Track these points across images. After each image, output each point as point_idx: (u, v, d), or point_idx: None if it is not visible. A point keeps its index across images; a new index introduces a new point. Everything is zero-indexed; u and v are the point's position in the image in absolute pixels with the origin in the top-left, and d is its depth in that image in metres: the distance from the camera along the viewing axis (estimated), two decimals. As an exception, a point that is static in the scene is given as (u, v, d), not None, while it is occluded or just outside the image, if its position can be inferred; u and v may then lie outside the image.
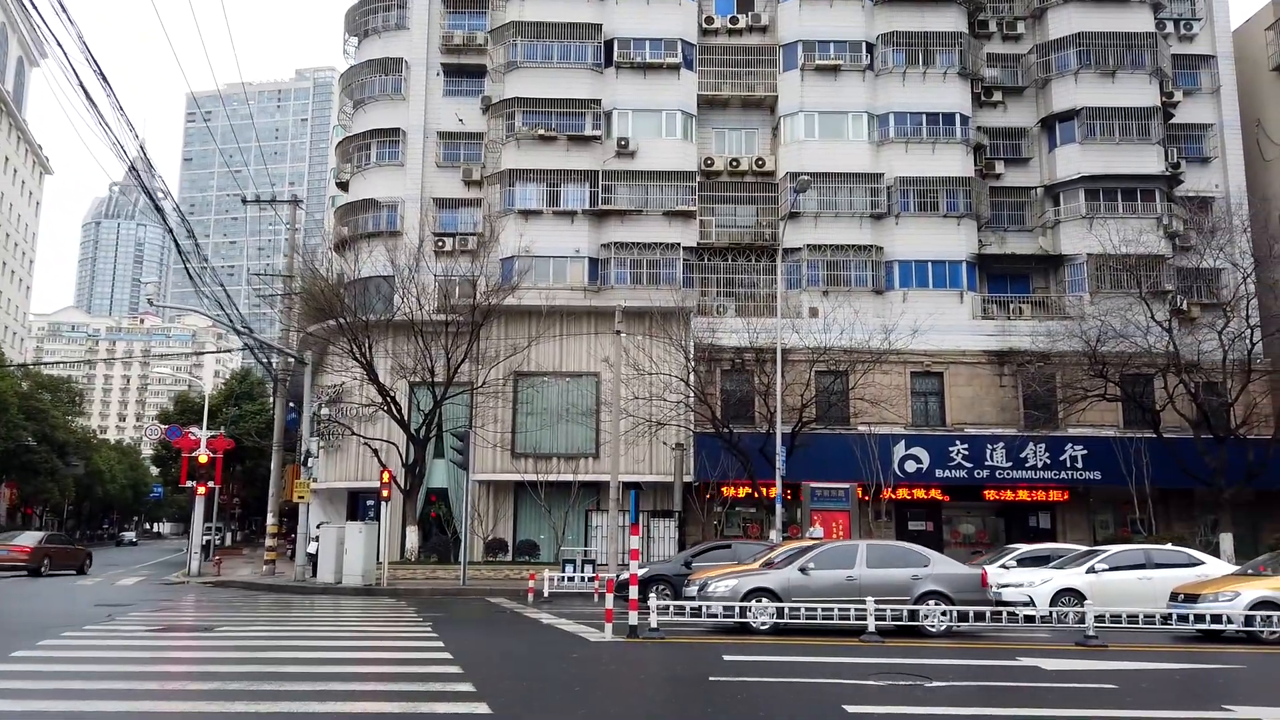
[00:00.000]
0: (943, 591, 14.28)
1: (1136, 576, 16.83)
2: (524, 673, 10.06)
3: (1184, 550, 18.38)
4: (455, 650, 11.27)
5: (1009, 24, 33.21)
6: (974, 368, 30.19)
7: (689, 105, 32.00)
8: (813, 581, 14.42)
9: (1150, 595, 15.75)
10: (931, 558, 15.10)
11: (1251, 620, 13.63)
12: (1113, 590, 16.01)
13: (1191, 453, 26.08)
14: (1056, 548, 21.31)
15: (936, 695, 9.11)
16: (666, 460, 28.11)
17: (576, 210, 31.21)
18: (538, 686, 9.09)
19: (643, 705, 8.46)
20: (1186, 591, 14.97)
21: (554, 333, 29.22)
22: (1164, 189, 31.24)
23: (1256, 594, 14.07)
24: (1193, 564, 17.37)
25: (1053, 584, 16.86)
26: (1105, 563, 17.26)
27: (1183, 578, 16.38)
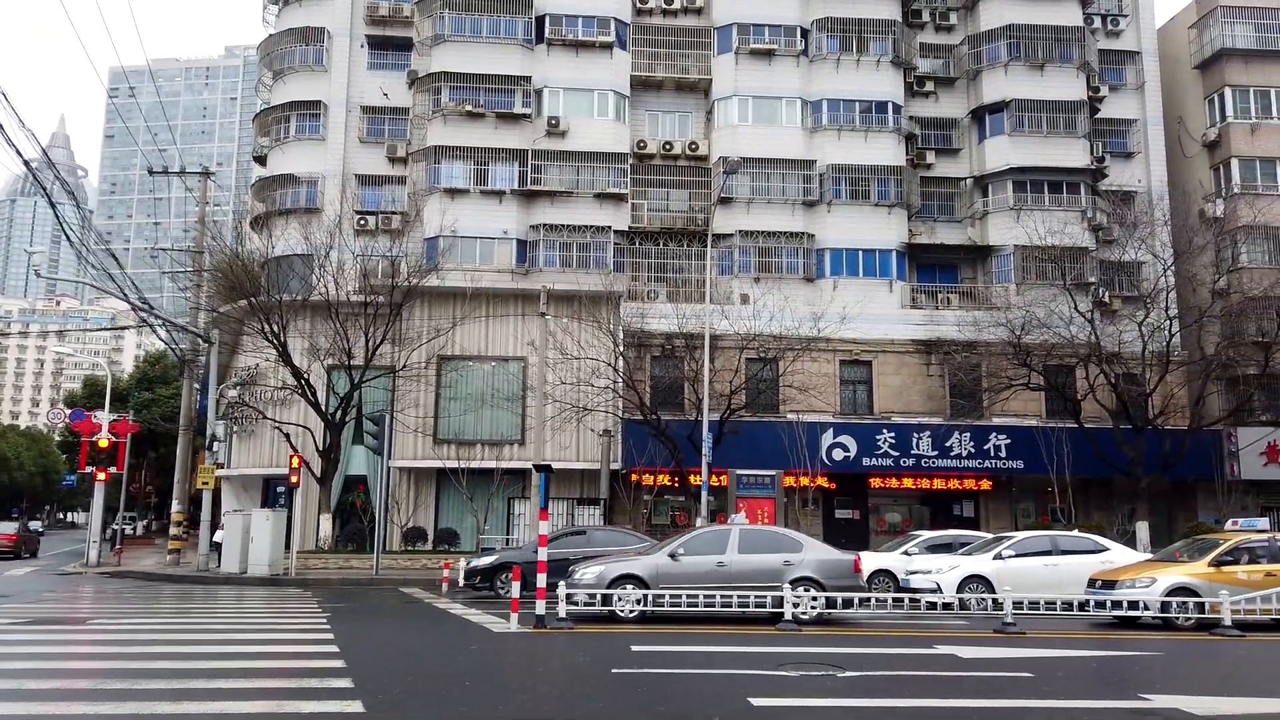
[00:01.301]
0: (814, 578, 13.94)
1: (1043, 563, 16.73)
2: (413, 667, 9.39)
3: (1089, 537, 18.34)
4: (346, 644, 10.56)
5: (942, 14, 33.27)
6: (902, 356, 30.22)
7: (622, 86, 31.36)
8: (683, 567, 14.03)
9: (1057, 581, 15.71)
10: (805, 543, 14.74)
11: (1167, 606, 13.62)
12: (1019, 576, 15.87)
13: (1111, 442, 26.44)
14: (960, 534, 21.18)
15: (849, 685, 8.72)
16: (594, 447, 27.55)
17: (505, 190, 30.35)
18: (425, 682, 8.45)
19: (533, 701, 7.87)
20: (1104, 578, 14.96)
21: (480, 315, 28.39)
22: (1089, 182, 31.65)
23: (1172, 580, 14.07)
24: (1098, 550, 17.35)
25: (960, 570, 16.70)
26: (1012, 549, 17.12)
27: (1088, 564, 16.35)
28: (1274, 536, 15.24)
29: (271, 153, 33.21)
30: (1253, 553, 14.60)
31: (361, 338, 25.12)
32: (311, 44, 32.46)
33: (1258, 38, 32.44)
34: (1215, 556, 14.43)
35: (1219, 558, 14.41)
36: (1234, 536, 15.32)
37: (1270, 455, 28.86)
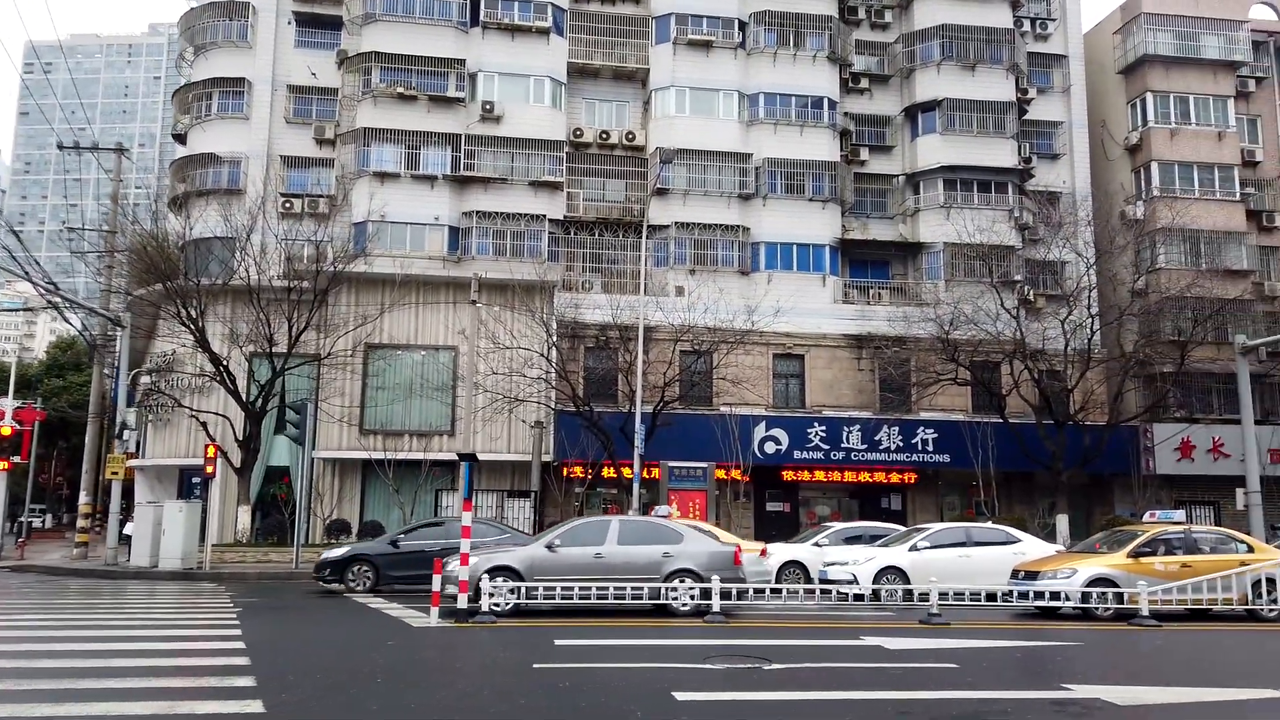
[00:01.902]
0: (693, 569, 13.67)
1: (957, 554, 16.87)
2: (324, 664, 8.96)
3: (1002, 528, 18.51)
4: (254, 640, 10.05)
5: (877, 12, 33.56)
6: (834, 351, 30.44)
7: (559, 72, 30.91)
8: (560, 559, 13.64)
9: (970, 572, 15.86)
10: (686, 535, 14.46)
11: (1088, 597, 13.83)
12: (934, 568, 15.98)
13: (1033, 437, 27.01)
14: (872, 526, 21.12)
15: (775, 678, 8.58)
16: (525, 439, 27.14)
17: (437, 175, 29.66)
18: (333, 680, 8.03)
19: (448, 699, 7.53)
20: (1027, 569, 15.16)
21: (409, 303, 27.71)
22: (1016, 182, 32.28)
23: (1092, 571, 14.25)
24: (1010, 542, 17.48)
25: (876, 562, 16.72)
26: (928, 541, 17.21)
27: (1001, 555, 16.66)
28: (1189, 529, 15.62)
29: (192, 131, 31.92)
30: (1169, 544, 14.86)
31: (285, 324, 24.27)
32: (236, 19, 31.26)
33: (1178, 45, 33.46)
34: (1134, 548, 14.68)
35: (1137, 549, 14.65)
36: (1152, 529, 15.60)
37: (1184, 451, 29.84)
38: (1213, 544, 15.28)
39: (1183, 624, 13.55)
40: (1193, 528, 15.92)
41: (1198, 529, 16.17)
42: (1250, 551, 15.00)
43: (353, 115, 30.34)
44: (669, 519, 16.09)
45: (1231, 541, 15.43)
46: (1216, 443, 29.82)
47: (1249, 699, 7.81)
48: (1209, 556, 14.73)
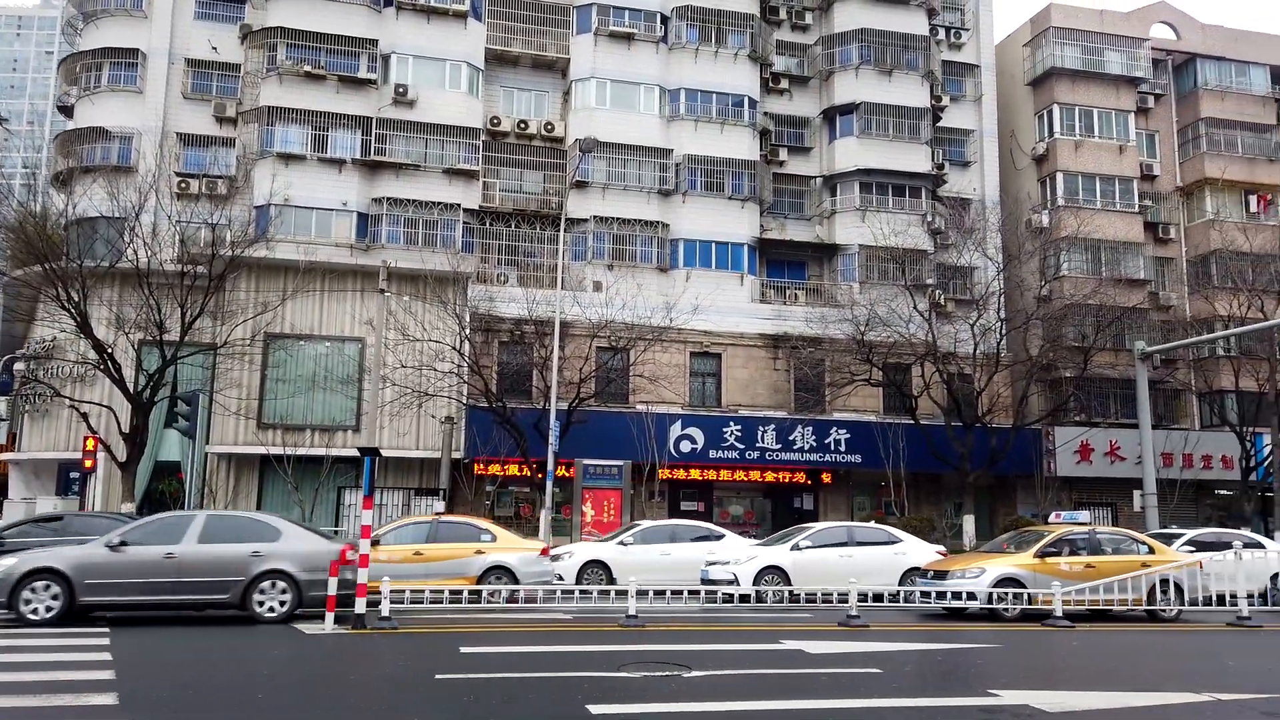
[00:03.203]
0: (288, 571, 12.27)
1: (839, 554, 16.73)
2: (199, 677, 8.14)
3: (884, 528, 18.49)
4: (122, 652, 9.14)
5: (798, 13, 33.67)
6: (750, 350, 30.39)
7: (476, 58, 30.01)
8: (124, 560, 11.95)
9: (852, 572, 15.26)
10: (285, 532, 12.98)
11: (996, 597, 13.89)
12: (815, 568, 15.99)
13: (942, 438, 27.42)
14: (684, 524, 20.48)
15: (695, 687, 8.17)
16: (435, 435, 26.25)
17: (346, 159, 28.43)
18: (208, 696, 7.27)
19: (336, 715, 6.86)
20: (936, 568, 15.25)
21: (314, 291, 26.46)
22: (929, 188, 32.82)
23: (1000, 571, 14.35)
24: (892, 541, 17.47)
25: (757, 561, 16.47)
26: (809, 540, 17.02)
27: (882, 555, 16.81)
28: (1094, 529, 15.91)
29: (80, 103, 29.86)
30: (1074, 544, 15.09)
31: (177, 310, 22.79)
32: (130, -15, 29.39)
33: (1084, 60, 34.57)
34: (1040, 548, 14.82)
35: (1044, 549, 14.80)
36: (1057, 529, 15.85)
37: (1083, 454, 30.78)
38: (1116, 545, 15.54)
39: (1092, 624, 13.71)
40: (1097, 529, 16.18)
41: (1102, 530, 16.35)
42: (1151, 553, 15.33)
43: (256, 93, 28.86)
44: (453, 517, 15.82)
45: (1133, 543, 15.73)
46: (1114, 446, 30.86)
47: (1172, 703, 7.75)
48: (1112, 557, 14.98)
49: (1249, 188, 35.00)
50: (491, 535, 15.97)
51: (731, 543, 18.36)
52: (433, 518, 16.74)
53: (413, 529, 16.39)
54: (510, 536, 16.43)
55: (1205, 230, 34.38)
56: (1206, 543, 18.65)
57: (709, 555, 17.35)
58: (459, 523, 16.69)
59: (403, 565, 14.68)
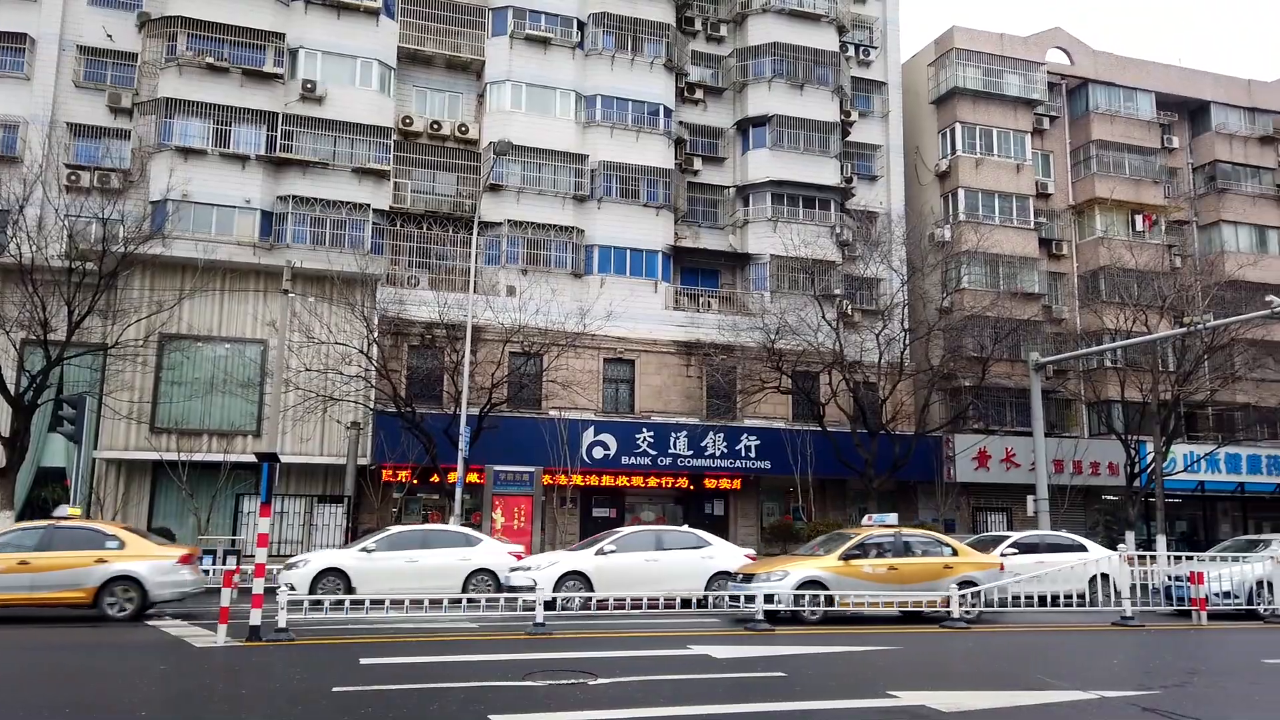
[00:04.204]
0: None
1: (645, 558, 16.43)
2: (73, 696, 7.69)
3: (694, 532, 18.06)
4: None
5: (714, 25, 34.11)
6: (663, 357, 30.57)
7: (388, 56, 29.44)
8: None
9: (658, 577, 15.40)
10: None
11: (801, 600, 13.88)
12: (620, 573, 15.61)
13: (848, 445, 28.06)
14: (434, 529, 19.71)
15: (601, 694, 8.12)
16: (340, 440, 25.58)
17: (250, 155, 27.52)
18: (81, 716, 6.88)
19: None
20: (745, 571, 15.12)
21: (213, 290, 25.50)
22: (838, 200, 33.60)
23: (804, 574, 14.34)
24: (700, 545, 17.15)
25: (559, 567, 16.01)
26: (615, 545, 16.60)
27: (690, 559, 16.51)
28: (899, 532, 15.91)
29: (-40, 88, 28.14)
30: (880, 547, 15.17)
31: (64, 308, 21.64)
32: (17, -34, 27.86)
33: (985, 81, 35.95)
34: (844, 551, 14.88)
35: (848, 552, 14.85)
36: (863, 532, 15.84)
37: (980, 460, 31.91)
38: (920, 547, 15.64)
39: (988, 626, 14.17)
40: (903, 531, 16.15)
41: (907, 532, 16.34)
42: (955, 555, 15.57)
43: (154, 84, 27.68)
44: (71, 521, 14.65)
45: (938, 545, 15.89)
46: (1009, 453, 32.09)
47: (1060, 701, 8.05)
48: (916, 559, 15.18)
49: (1135, 208, 36.91)
50: (119, 541, 14.20)
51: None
52: (48, 523, 14.76)
53: (20, 534, 14.55)
54: (143, 543, 14.71)
55: (1095, 247, 36.12)
56: (1029, 545, 19.37)
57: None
58: (79, 528, 14.70)
59: (3, 576, 13.13)
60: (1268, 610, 15.76)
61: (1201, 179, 39.33)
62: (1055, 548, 19.67)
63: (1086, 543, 20.50)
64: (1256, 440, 35.90)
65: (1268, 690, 8.94)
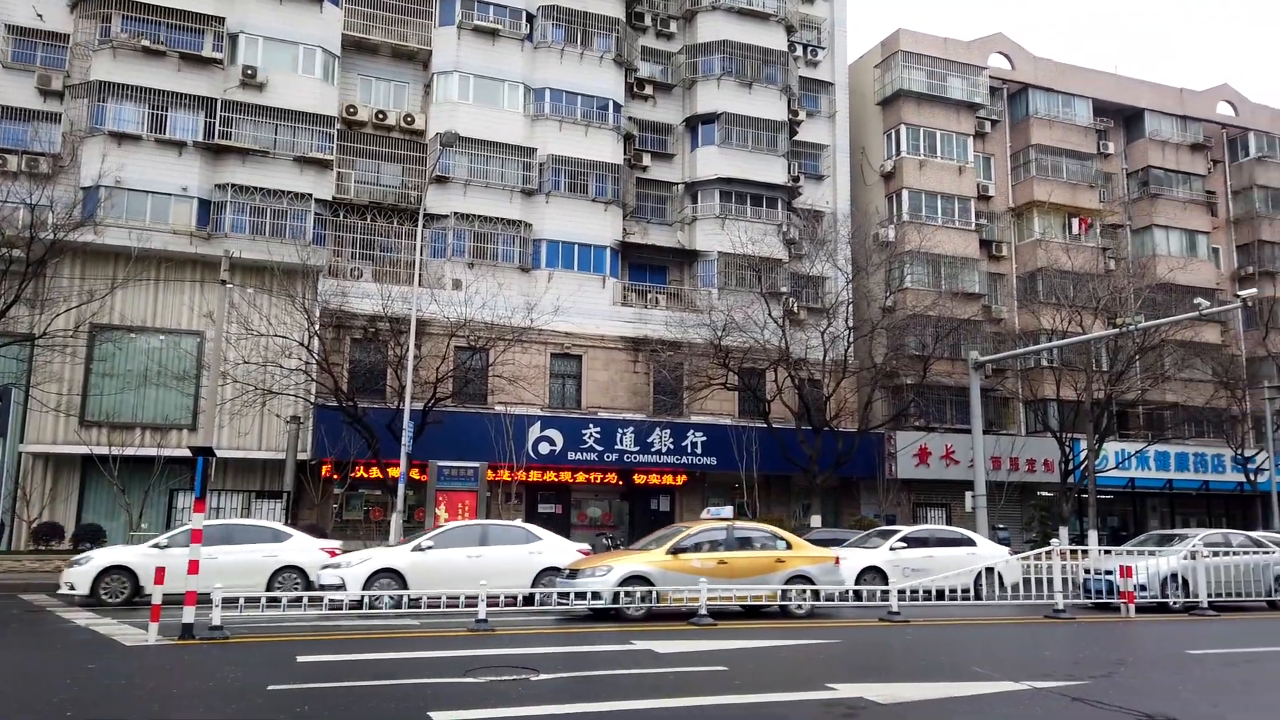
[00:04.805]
0: None
1: (466, 554, 15.41)
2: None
3: (523, 526, 17.05)
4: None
5: (663, 21, 34.12)
6: (611, 352, 30.53)
7: (332, 43, 28.89)
8: None
9: (480, 573, 14.08)
10: None
11: (622, 595, 13.36)
12: (439, 570, 14.77)
13: (793, 441, 28.36)
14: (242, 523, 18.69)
15: (541, 690, 8.07)
16: (280, 435, 25.11)
17: (187, 142, 26.80)
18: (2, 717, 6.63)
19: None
20: (573, 567, 14.59)
21: (148, 280, 24.82)
22: (785, 199, 33.90)
23: (628, 569, 13.82)
24: (529, 540, 16.32)
25: (371, 564, 15.12)
26: (433, 540, 15.68)
27: (515, 555, 15.71)
28: (732, 525, 15.50)
29: (-124, 65, 26.94)
30: (713, 542, 14.76)
31: (-12, 296, 20.89)
32: (-61, -61, 26.75)
33: (929, 84, 36.55)
34: (674, 544, 14.48)
35: (677, 545, 14.45)
36: (696, 525, 15.56)
37: (921, 457, 32.52)
38: (754, 541, 15.19)
39: (927, 619, 14.42)
40: (736, 524, 15.71)
41: (741, 525, 15.88)
42: (789, 549, 15.12)
43: (87, 66, 26.82)
44: None
45: (773, 539, 15.42)
46: (949, 450, 32.72)
47: (994, 692, 8.22)
48: (747, 553, 14.72)
49: (1072, 211, 37.87)
50: None
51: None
52: None
53: None
54: None
55: (1033, 249, 36.98)
56: (919, 539, 19.42)
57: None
58: None
59: None
60: (1177, 603, 16.10)
61: (1135, 184, 40.50)
62: (945, 542, 19.65)
63: (976, 537, 20.58)
64: (1184, 439, 37.14)
65: (1190, 680, 9.23)
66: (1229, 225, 42.01)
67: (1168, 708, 7.54)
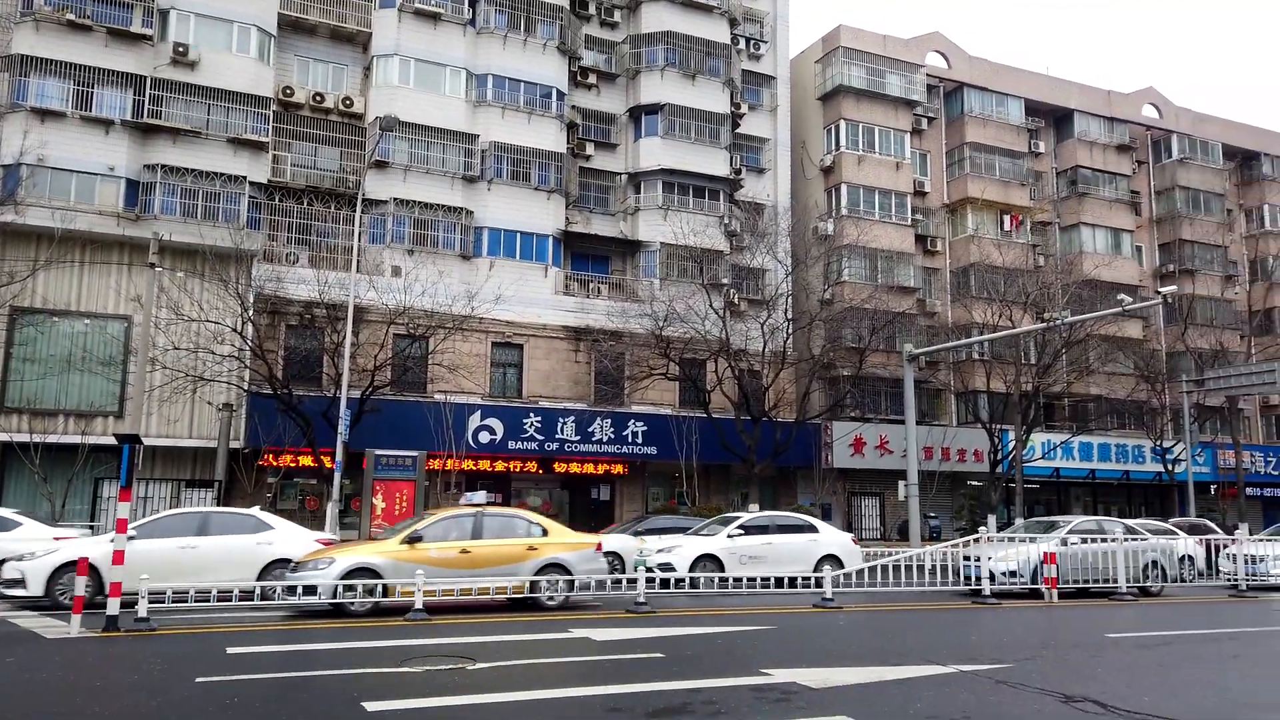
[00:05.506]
0: None
1: (179, 545, 14.04)
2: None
3: (252, 514, 15.51)
4: None
5: (608, 10, 34.02)
6: (553, 341, 30.48)
7: (268, 22, 28.19)
8: None
9: (196, 567, 13.51)
10: None
11: (349, 589, 12.48)
12: (148, 560, 13.04)
13: (732, 431, 28.67)
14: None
15: (480, 679, 8.08)
16: (211, 423, 24.53)
17: (115, 120, 25.93)
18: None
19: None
20: (302, 559, 13.62)
21: (71, 261, 23.99)
22: (727, 191, 34.14)
23: (354, 560, 12.91)
24: (257, 529, 14.87)
25: (57, 556, 13.68)
26: (136, 530, 13.80)
27: (238, 546, 14.40)
28: (481, 511, 14.57)
29: None
30: (459, 530, 13.82)
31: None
32: None
33: (868, 80, 37.11)
34: (410, 533, 13.55)
35: (414, 534, 13.50)
36: (441, 512, 14.66)
37: (856, 447, 33.14)
38: (503, 528, 14.26)
39: (861, 606, 14.76)
40: (486, 510, 14.84)
41: (491, 511, 15.00)
42: (544, 535, 14.34)
43: (8, 40, 25.74)
44: None
45: (526, 524, 14.56)
46: (883, 440, 33.42)
47: (922, 675, 8.47)
48: (494, 541, 13.85)
49: (1004, 208, 38.87)
50: None
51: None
52: None
53: None
54: None
55: (966, 245, 37.88)
56: (759, 526, 19.10)
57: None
58: None
59: None
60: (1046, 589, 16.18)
61: (1064, 183, 41.72)
62: (786, 529, 19.39)
63: (819, 524, 20.39)
64: (1107, 430, 38.51)
65: (1108, 661, 9.63)
66: (1152, 224, 43.56)
67: (1087, 689, 7.86)
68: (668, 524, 21.72)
